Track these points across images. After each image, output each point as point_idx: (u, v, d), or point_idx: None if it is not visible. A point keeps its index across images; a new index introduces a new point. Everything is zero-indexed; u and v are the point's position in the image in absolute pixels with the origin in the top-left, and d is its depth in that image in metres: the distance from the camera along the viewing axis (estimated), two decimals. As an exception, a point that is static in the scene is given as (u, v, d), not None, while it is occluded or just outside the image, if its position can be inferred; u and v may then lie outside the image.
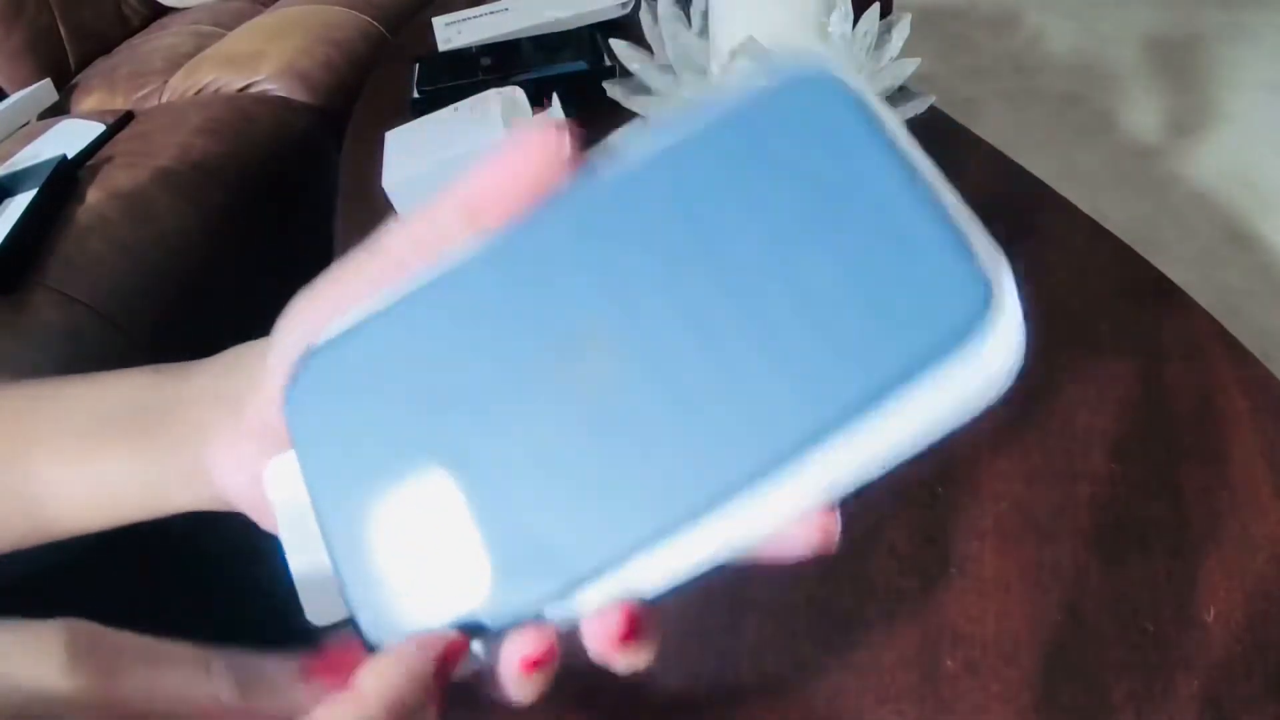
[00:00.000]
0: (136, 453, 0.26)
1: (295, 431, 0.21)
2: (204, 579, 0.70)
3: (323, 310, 0.22)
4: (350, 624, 0.20)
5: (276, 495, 0.22)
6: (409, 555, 0.20)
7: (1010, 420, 0.46)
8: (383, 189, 0.66)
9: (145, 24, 1.66)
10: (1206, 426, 0.44)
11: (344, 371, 0.20)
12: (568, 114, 0.69)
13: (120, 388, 0.28)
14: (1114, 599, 0.38)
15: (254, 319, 0.30)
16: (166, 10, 1.69)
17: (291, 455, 0.21)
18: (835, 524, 0.18)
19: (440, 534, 0.19)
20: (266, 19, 1.48)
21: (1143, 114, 1.90)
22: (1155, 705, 0.34)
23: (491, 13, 0.94)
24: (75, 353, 0.87)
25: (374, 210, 0.69)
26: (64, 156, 1.07)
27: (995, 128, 1.85)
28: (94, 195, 1.04)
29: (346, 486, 0.20)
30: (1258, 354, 0.48)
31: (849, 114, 0.18)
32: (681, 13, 0.67)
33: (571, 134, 0.19)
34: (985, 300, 0.17)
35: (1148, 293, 0.53)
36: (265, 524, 0.24)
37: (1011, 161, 0.66)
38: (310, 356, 0.21)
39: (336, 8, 1.46)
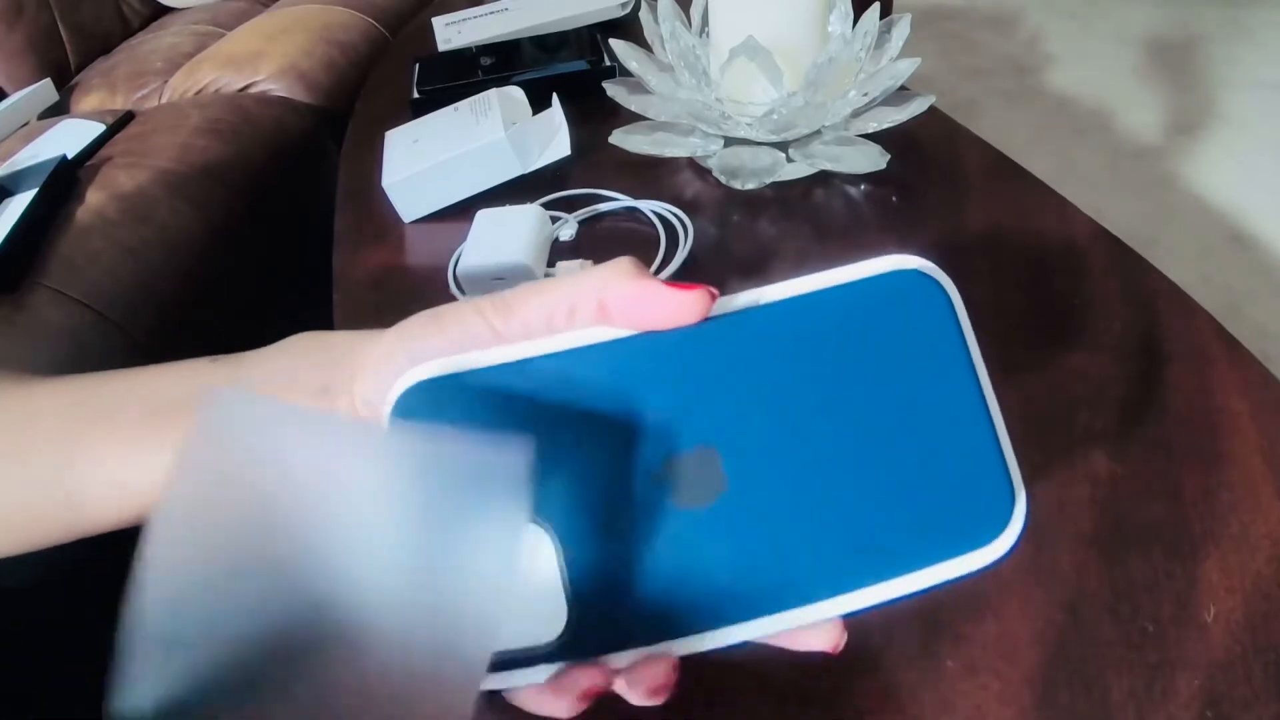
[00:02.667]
0: None
1: None
2: None
3: (434, 341, 0.23)
4: None
5: None
6: None
7: (1010, 420, 0.46)
8: (383, 189, 0.67)
9: (145, 24, 1.66)
10: (1206, 426, 0.44)
11: (460, 407, 0.22)
12: (568, 114, 0.69)
13: (175, 376, 0.28)
14: (1114, 599, 0.38)
15: (254, 318, 0.30)
16: (166, 10, 1.69)
17: None
18: (842, 634, 0.23)
19: (518, 578, 0.22)
20: (266, 19, 1.48)
21: (1143, 114, 1.90)
22: (1155, 705, 0.34)
23: (491, 13, 0.94)
24: (75, 353, 0.87)
25: (374, 210, 0.69)
26: (64, 156, 1.07)
27: (995, 128, 1.85)
28: (94, 195, 1.04)
29: None
30: (1258, 354, 0.48)
31: (945, 319, 0.22)
32: (681, 13, 0.67)
33: (714, 300, 0.22)
34: (1010, 511, 0.22)
35: (1148, 293, 0.53)
36: None
37: (1011, 161, 0.66)
38: (428, 383, 0.22)
39: (336, 8, 1.46)
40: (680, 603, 0.22)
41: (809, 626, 0.22)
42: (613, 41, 0.69)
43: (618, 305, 0.22)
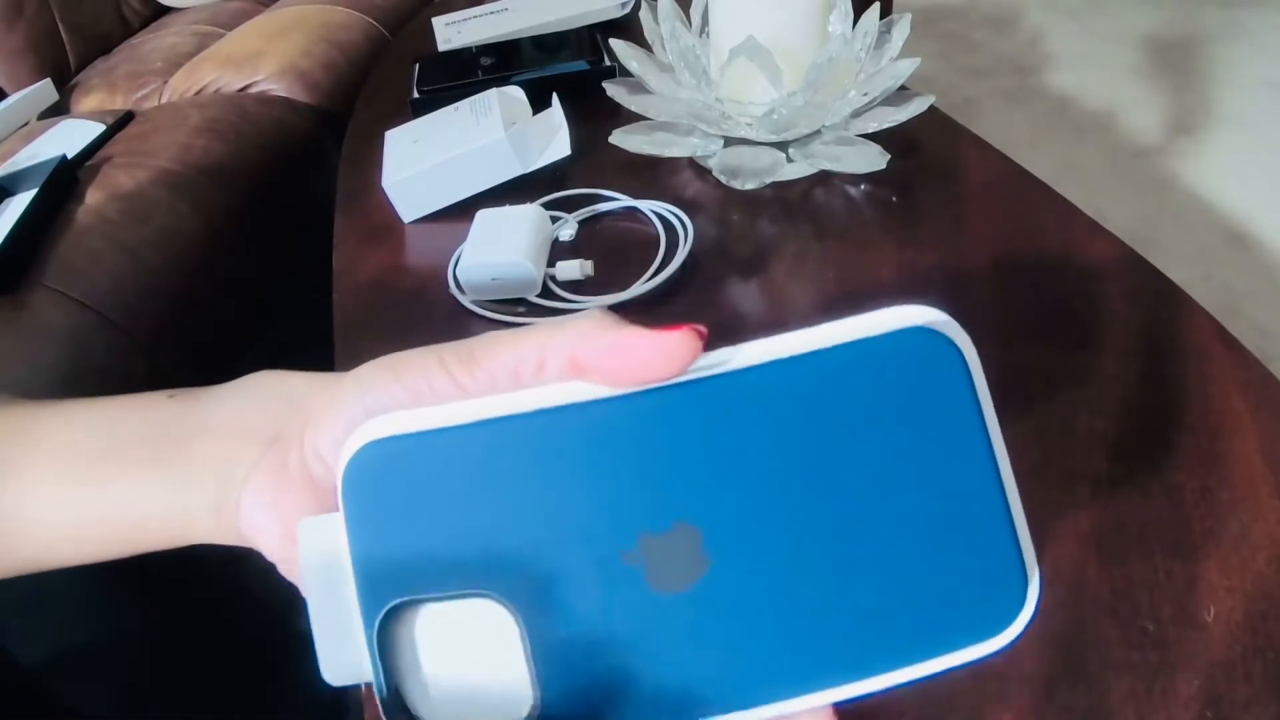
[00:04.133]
0: (158, 479, 0.25)
1: (350, 511, 0.21)
2: (191, 587, 0.70)
3: (393, 392, 0.21)
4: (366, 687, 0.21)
5: (308, 554, 0.22)
6: (445, 661, 0.21)
7: (1010, 420, 0.46)
8: (383, 189, 0.67)
9: (145, 24, 1.66)
10: (1206, 426, 0.44)
11: (419, 470, 0.20)
12: (568, 114, 0.69)
13: (135, 409, 0.26)
14: (1114, 599, 0.38)
15: (254, 318, 0.29)
16: (166, 10, 1.69)
17: (328, 518, 0.21)
18: None
19: (483, 655, 0.21)
20: (266, 19, 1.48)
21: (1143, 114, 1.90)
22: (1155, 705, 0.34)
23: (491, 13, 0.94)
24: (75, 352, 0.87)
25: (374, 210, 0.69)
26: (64, 156, 1.07)
27: (995, 128, 1.85)
28: (94, 195, 1.04)
29: (393, 581, 0.20)
30: (1258, 354, 0.48)
31: (958, 384, 0.21)
32: (681, 13, 0.67)
33: (703, 341, 0.20)
34: (1022, 600, 0.20)
35: (1148, 293, 0.53)
36: (286, 572, 0.24)
37: (1011, 161, 0.66)
38: (384, 443, 0.20)
39: (336, 8, 1.46)
40: (654, 692, 0.20)
41: (797, 715, 0.20)
42: (613, 41, 0.69)
43: (594, 359, 0.20)
